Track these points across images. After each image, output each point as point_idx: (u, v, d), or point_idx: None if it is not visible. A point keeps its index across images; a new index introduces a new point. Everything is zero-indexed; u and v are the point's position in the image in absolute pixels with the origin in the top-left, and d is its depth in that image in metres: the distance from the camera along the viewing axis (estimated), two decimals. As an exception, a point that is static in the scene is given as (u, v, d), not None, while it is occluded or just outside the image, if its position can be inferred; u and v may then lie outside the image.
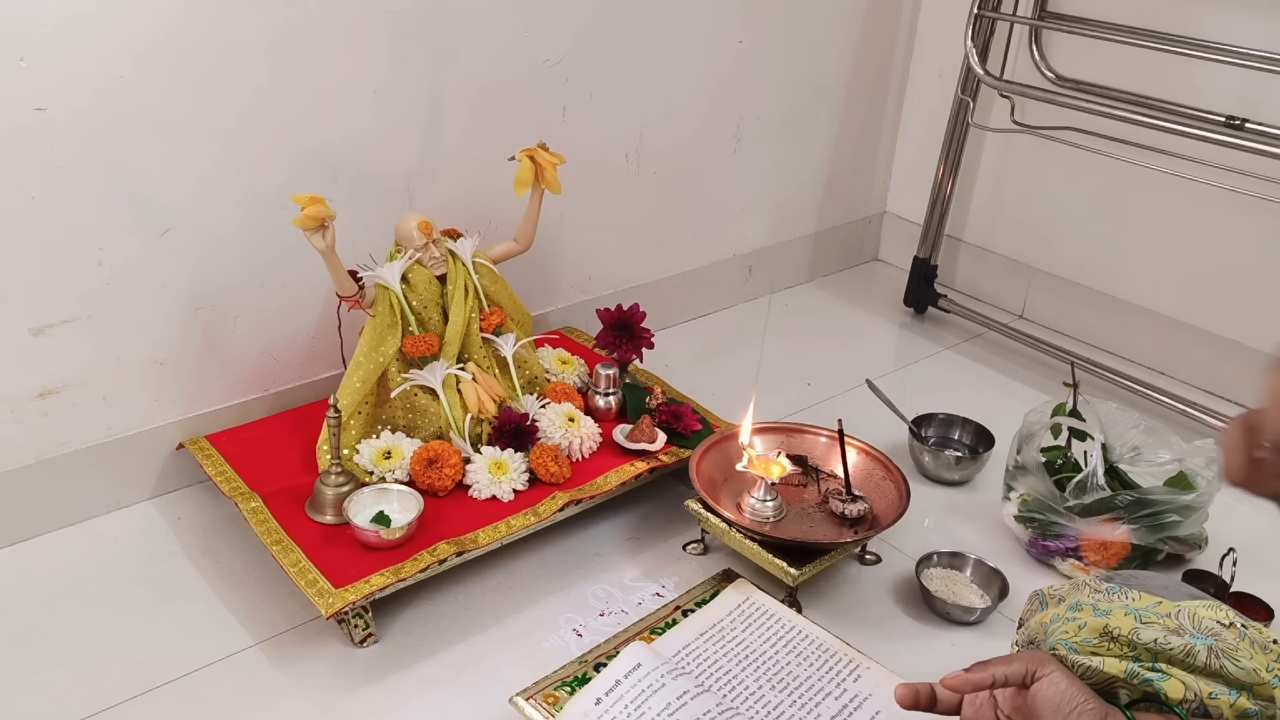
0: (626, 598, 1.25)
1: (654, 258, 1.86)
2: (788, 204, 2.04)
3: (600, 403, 1.44)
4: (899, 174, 2.20)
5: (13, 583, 1.22)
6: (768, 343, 1.88)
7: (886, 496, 1.30)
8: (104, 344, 1.27)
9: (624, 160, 1.72)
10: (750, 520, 1.25)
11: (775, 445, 1.35)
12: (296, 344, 1.44)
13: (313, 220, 1.18)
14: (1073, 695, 0.75)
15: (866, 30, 1.99)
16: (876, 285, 2.17)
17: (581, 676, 1.06)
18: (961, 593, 1.26)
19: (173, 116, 1.23)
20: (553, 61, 1.55)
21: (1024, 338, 1.89)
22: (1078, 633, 0.82)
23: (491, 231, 1.53)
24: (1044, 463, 1.33)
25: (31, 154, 1.14)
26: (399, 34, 1.37)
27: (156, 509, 1.36)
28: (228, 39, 1.23)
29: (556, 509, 1.26)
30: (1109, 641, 0.81)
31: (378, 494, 1.24)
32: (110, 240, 1.23)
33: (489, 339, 1.39)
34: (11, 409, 1.23)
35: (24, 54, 1.10)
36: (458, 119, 1.48)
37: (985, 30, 1.85)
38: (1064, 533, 1.30)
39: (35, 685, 1.08)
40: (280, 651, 1.14)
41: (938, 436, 1.59)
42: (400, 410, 1.33)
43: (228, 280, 1.35)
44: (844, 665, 1.09)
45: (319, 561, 1.15)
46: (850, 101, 2.05)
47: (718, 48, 1.76)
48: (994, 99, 1.92)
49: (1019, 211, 2.00)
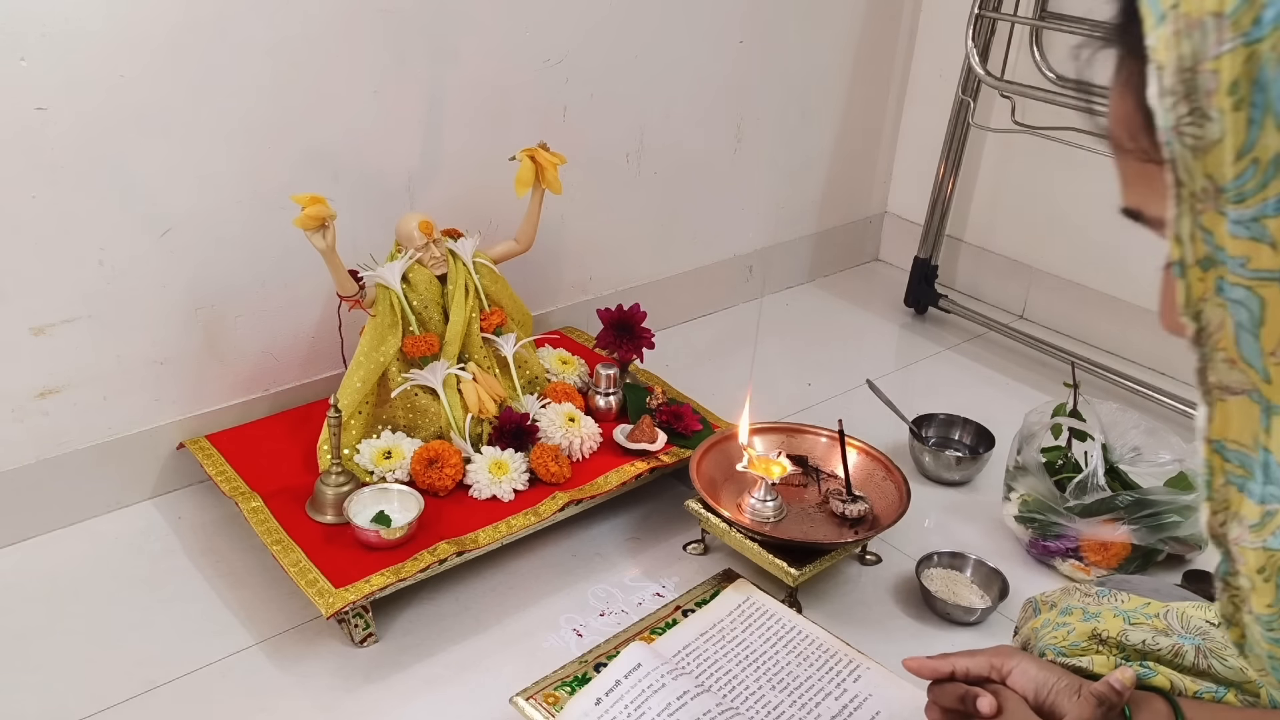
0: (627, 598, 1.25)
1: (654, 258, 1.86)
2: (788, 204, 2.04)
3: (601, 403, 1.44)
4: (899, 174, 2.20)
5: (13, 583, 1.22)
6: (768, 343, 1.88)
7: (887, 497, 1.30)
8: (104, 344, 1.27)
9: (624, 160, 1.72)
10: (750, 520, 1.25)
11: (775, 445, 1.36)
12: (297, 344, 1.44)
13: (313, 220, 1.18)
14: (1045, 678, 0.75)
15: (867, 30, 1.99)
16: (877, 285, 2.17)
17: (581, 676, 1.06)
18: (962, 593, 1.26)
19: (174, 116, 1.23)
20: (553, 61, 1.55)
21: (1024, 338, 1.89)
22: (1066, 637, 0.83)
23: (492, 231, 1.53)
24: (1044, 463, 1.33)
25: (32, 154, 1.14)
26: (399, 34, 1.37)
27: (157, 509, 1.36)
28: (229, 39, 1.23)
29: (557, 509, 1.26)
30: (1098, 644, 0.81)
31: (378, 494, 1.24)
32: (111, 240, 1.23)
33: (489, 339, 1.39)
34: (12, 408, 1.23)
35: (24, 54, 1.10)
36: (458, 119, 1.48)
37: (986, 30, 1.85)
38: (1064, 533, 1.30)
39: (35, 685, 1.08)
40: (280, 651, 1.14)
41: (938, 437, 1.59)
42: (401, 410, 1.33)
43: (228, 280, 1.35)
44: (844, 665, 1.09)
45: (319, 561, 1.15)
46: (850, 101, 2.05)
47: (718, 48, 1.76)
48: (994, 99, 1.92)
49: (1019, 211, 2.00)
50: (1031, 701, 0.74)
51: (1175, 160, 0.48)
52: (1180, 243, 0.50)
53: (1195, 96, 0.46)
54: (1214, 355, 0.53)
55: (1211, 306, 0.51)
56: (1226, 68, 0.45)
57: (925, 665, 0.80)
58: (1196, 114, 0.47)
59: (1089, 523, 1.28)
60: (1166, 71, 0.47)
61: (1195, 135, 0.47)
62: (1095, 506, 1.27)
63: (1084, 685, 0.73)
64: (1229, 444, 0.55)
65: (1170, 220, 0.50)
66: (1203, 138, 0.47)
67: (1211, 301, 0.51)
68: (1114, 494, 1.27)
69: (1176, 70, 0.46)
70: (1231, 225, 0.48)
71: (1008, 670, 0.76)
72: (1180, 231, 0.50)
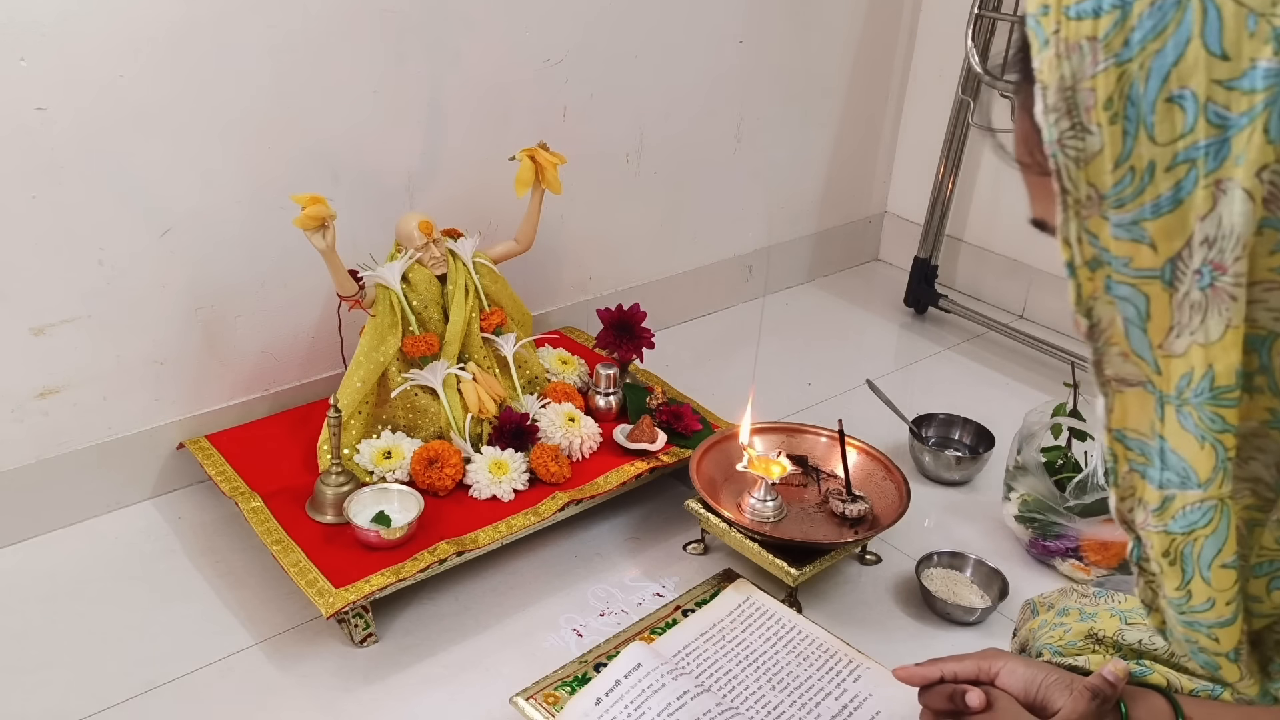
0: (626, 598, 1.25)
1: (654, 258, 1.86)
2: (788, 204, 2.04)
3: (600, 403, 1.44)
4: (899, 174, 2.20)
5: (13, 583, 1.22)
6: (768, 343, 1.88)
7: (887, 496, 1.30)
8: (104, 344, 1.27)
9: (624, 160, 1.72)
10: (750, 520, 1.25)
11: (775, 445, 1.36)
12: (297, 344, 1.44)
13: (313, 220, 1.18)
14: (1033, 675, 0.75)
15: (867, 30, 1.99)
16: (877, 285, 2.17)
17: (581, 676, 1.06)
18: (962, 593, 1.26)
19: (173, 116, 1.23)
20: (553, 61, 1.55)
21: (1024, 338, 1.89)
22: (1063, 637, 0.83)
23: (492, 231, 1.53)
24: (1044, 463, 1.33)
25: (32, 154, 1.14)
26: (399, 34, 1.37)
27: (156, 509, 1.36)
28: (228, 39, 1.23)
29: (557, 509, 1.26)
30: (1094, 644, 0.81)
31: (378, 494, 1.24)
32: (110, 240, 1.23)
33: (489, 339, 1.39)
34: (12, 408, 1.23)
35: (24, 54, 1.10)
36: (458, 119, 1.48)
37: (986, 30, 1.85)
38: (1064, 533, 1.30)
39: (35, 685, 1.08)
40: (280, 651, 1.14)
41: (938, 436, 1.59)
42: (400, 410, 1.33)
43: (228, 280, 1.35)
44: (844, 665, 1.09)
45: (319, 561, 1.15)
46: (850, 101, 2.05)
47: (718, 47, 1.76)
48: (994, 99, 1.92)
49: (1019, 211, 1.99)
50: (1021, 699, 0.74)
51: (1060, 170, 0.52)
52: (1069, 245, 0.54)
53: (1076, 112, 0.51)
54: (1108, 349, 0.57)
55: (1102, 304, 0.55)
56: (1101, 85, 0.49)
57: (915, 673, 0.80)
58: (1078, 128, 0.51)
59: (1089, 523, 1.28)
60: (1050, 90, 0.51)
61: (1077, 148, 0.51)
62: (1095, 506, 1.27)
63: (1075, 680, 0.73)
64: (1129, 433, 0.58)
65: (1059, 225, 0.54)
66: (1084, 149, 0.51)
67: (1101, 299, 0.55)
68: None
69: (1058, 89, 0.51)
70: (1114, 228, 0.52)
71: (995, 671, 0.76)
72: (1069, 235, 0.54)
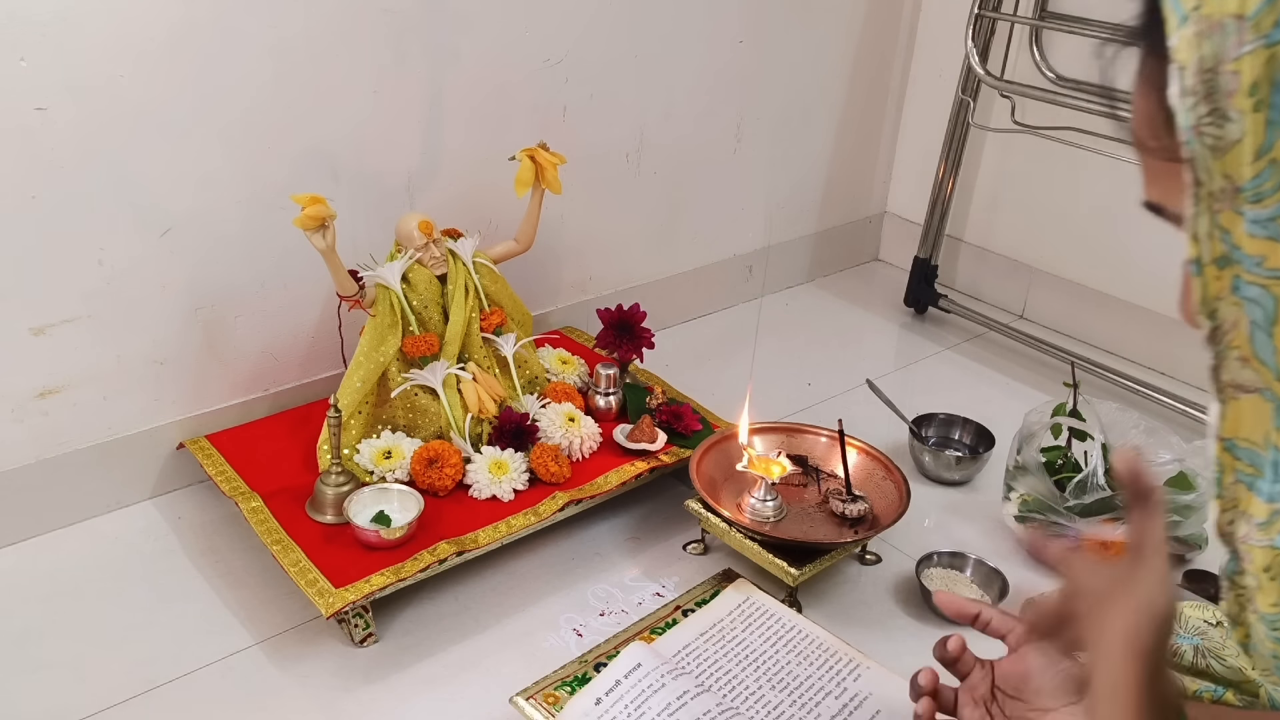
0: (626, 597, 1.25)
1: (654, 257, 1.86)
2: (788, 204, 2.04)
3: (600, 402, 1.44)
4: (899, 174, 2.20)
5: (13, 583, 1.22)
6: (768, 343, 1.88)
7: (886, 496, 1.30)
8: (104, 344, 1.27)
9: (624, 160, 1.72)
10: (750, 520, 1.25)
11: (775, 445, 1.36)
12: (297, 344, 1.44)
13: (313, 220, 1.18)
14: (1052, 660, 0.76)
15: (866, 30, 1.99)
16: (877, 285, 2.17)
17: (581, 676, 1.06)
18: (962, 593, 1.26)
19: (173, 116, 1.23)
20: (553, 61, 1.55)
21: (1024, 338, 1.89)
22: None
23: (492, 231, 1.53)
24: (1044, 463, 1.33)
25: (31, 154, 1.14)
26: (399, 34, 1.37)
27: (156, 509, 1.36)
28: (228, 39, 1.23)
29: (557, 509, 1.26)
30: None
31: (378, 494, 1.24)
32: (110, 240, 1.23)
33: (489, 339, 1.39)
34: (12, 408, 1.23)
35: (24, 54, 1.10)
36: (458, 119, 1.48)
37: (985, 30, 1.85)
38: (1064, 533, 1.30)
39: (35, 685, 1.08)
40: (280, 651, 1.14)
41: (938, 436, 1.59)
42: (400, 410, 1.33)
43: (228, 280, 1.35)
44: (844, 665, 1.09)
45: (319, 561, 1.15)
46: (850, 101, 2.05)
47: (718, 47, 1.76)
48: (994, 99, 1.92)
49: (1019, 211, 2.00)
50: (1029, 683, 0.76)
51: (1195, 159, 0.48)
52: (1197, 241, 0.51)
53: (1216, 97, 0.46)
54: (1228, 353, 0.53)
55: (1227, 305, 0.52)
56: (1247, 69, 0.45)
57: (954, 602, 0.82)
58: (1216, 114, 0.47)
59: (1089, 522, 1.28)
60: (1188, 72, 0.47)
61: (1215, 135, 0.47)
62: (1095, 506, 1.27)
63: None
64: (1240, 442, 0.55)
65: (1188, 218, 0.50)
66: (1222, 138, 0.47)
67: (1227, 300, 0.51)
68: (1114, 494, 1.27)
69: (1198, 71, 0.47)
70: (1249, 225, 0.48)
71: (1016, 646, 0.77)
72: (1198, 230, 0.50)
